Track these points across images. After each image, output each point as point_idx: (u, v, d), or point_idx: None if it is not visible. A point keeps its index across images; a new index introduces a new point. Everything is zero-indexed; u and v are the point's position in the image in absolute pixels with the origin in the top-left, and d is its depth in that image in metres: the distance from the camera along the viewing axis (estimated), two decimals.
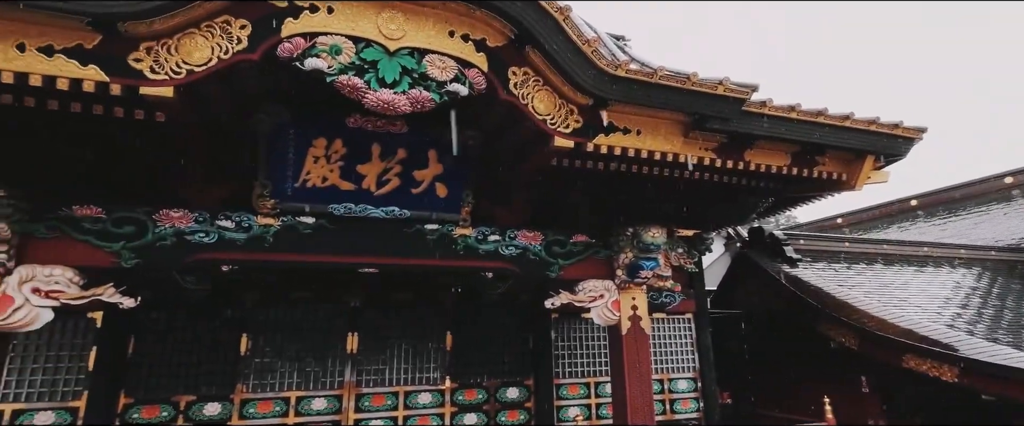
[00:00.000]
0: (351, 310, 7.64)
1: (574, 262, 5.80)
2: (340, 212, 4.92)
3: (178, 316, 6.97)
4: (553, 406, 8.08)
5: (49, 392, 6.33)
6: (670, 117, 4.48)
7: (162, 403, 6.68)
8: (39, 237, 4.22)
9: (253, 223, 4.74)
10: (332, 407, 7.26)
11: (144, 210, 4.47)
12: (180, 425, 6.68)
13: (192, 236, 4.58)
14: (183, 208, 4.59)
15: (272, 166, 4.73)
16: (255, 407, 6.97)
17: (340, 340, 7.51)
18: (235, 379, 6.97)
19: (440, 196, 5.28)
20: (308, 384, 7.26)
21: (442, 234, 5.30)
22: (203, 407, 6.80)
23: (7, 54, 3.04)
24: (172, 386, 6.76)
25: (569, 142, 4.28)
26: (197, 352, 6.95)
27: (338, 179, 4.91)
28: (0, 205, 3.92)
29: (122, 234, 4.41)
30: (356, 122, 4.73)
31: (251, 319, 7.23)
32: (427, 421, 7.62)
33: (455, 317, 8.12)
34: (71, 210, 4.30)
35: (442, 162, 5.18)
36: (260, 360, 7.15)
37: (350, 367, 7.45)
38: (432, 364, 7.87)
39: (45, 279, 4.17)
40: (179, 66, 3.35)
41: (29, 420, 6.16)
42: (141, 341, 6.77)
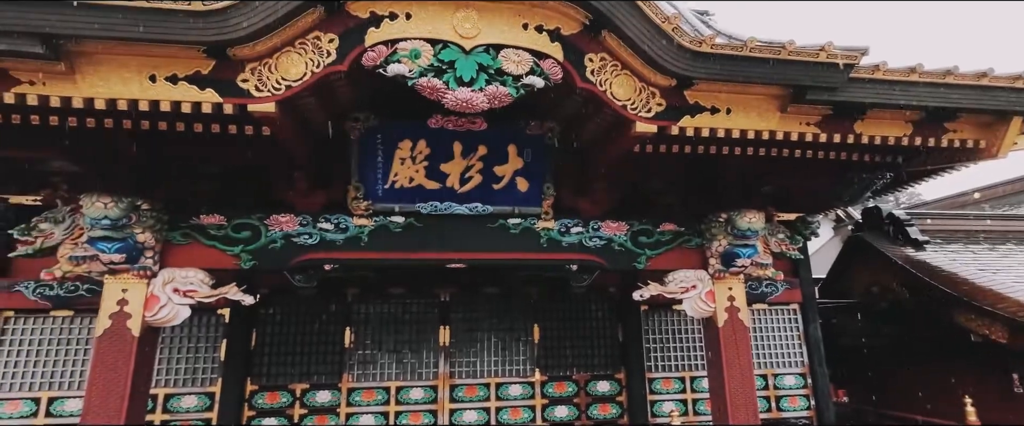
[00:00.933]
0: (442, 304, 7.94)
1: (662, 252, 5.57)
2: (427, 210, 5.11)
3: (291, 312, 7.65)
4: (646, 401, 7.84)
5: (191, 379, 7.25)
6: (764, 92, 4.13)
7: (281, 390, 7.39)
8: (175, 243, 4.83)
9: (350, 224, 5.07)
10: (428, 397, 7.60)
11: (257, 216, 4.94)
12: (297, 411, 7.34)
13: (298, 238, 5.00)
14: (289, 213, 5.02)
15: (363, 170, 5.03)
16: (360, 395, 7.49)
17: (433, 333, 7.84)
18: (342, 369, 7.53)
19: (521, 190, 5.30)
20: (406, 375, 7.66)
21: (525, 228, 5.33)
22: (315, 394, 7.42)
23: (142, 85, 3.49)
24: (289, 375, 7.45)
25: (652, 127, 4.10)
26: (308, 344, 7.58)
27: (424, 179, 5.10)
28: (145, 217, 4.53)
29: (240, 239, 4.92)
30: (437, 122, 4.88)
31: (353, 314, 7.76)
32: (518, 413, 7.73)
33: (542, 310, 8.15)
34: (199, 219, 4.87)
35: (522, 156, 5.20)
36: (363, 352, 7.66)
37: (443, 359, 7.75)
38: (521, 356, 7.96)
39: (182, 280, 4.76)
40: (279, 83, 3.64)
41: (178, 402, 7.10)
42: (261, 334, 7.51)
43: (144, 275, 4.64)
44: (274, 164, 5.00)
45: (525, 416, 7.72)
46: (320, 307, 7.70)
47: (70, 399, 6.98)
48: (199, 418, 7.08)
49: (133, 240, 4.50)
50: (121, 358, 4.50)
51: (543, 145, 5.18)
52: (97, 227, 4.32)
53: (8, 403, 6.86)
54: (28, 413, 6.86)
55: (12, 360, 6.98)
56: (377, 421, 7.42)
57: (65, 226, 4.60)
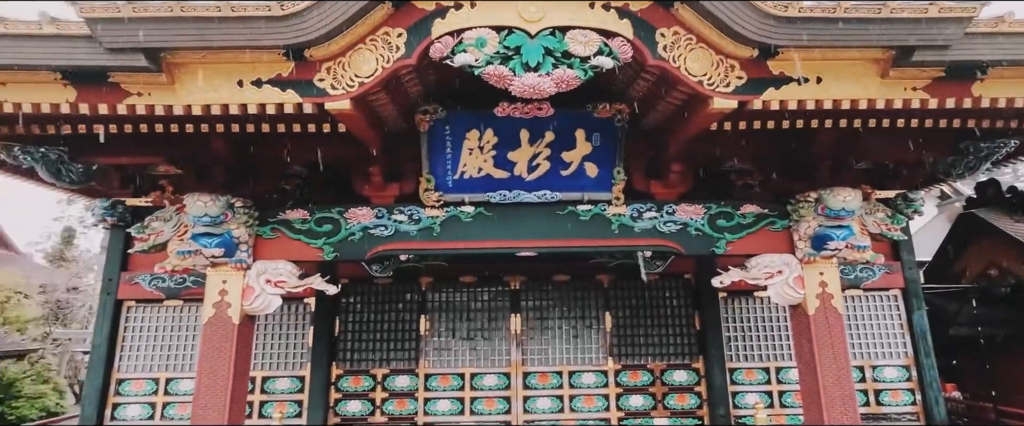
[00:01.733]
0: (513, 292, 8.00)
1: (744, 236, 5.25)
2: (496, 199, 5.13)
3: (370, 300, 8.03)
4: (727, 391, 7.50)
5: (283, 363, 7.81)
6: (861, 56, 3.74)
7: (364, 375, 7.79)
8: (266, 237, 5.18)
9: (422, 215, 5.20)
10: (502, 384, 7.71)
11: (337, 210, 5.19)
12: (379, 394, 7.71)
13: (374, 230, 5.19)
14: (366, 206, 5.22)
15: (434, 162, 5.12)
16: (437, 381, 7.74)
17: (505, 321, 7.92)
18: (418, 355, 7.81)
19: (590, 176, 5.19)
20: (479, 361, 7.81)
21: (595, 214, 5.21)
22: (395, 379, 7.76)
23: (231, 90, 3.73)
24: (370, 360, 7.83)
25: (731, 102, 3.85)
26: (387, 331, 7.93)
27: (492, 168, 5.12)
28: (239, 213, 4.88)
29: (323, 232, 5.19)
30: (504, 111, 4.86)
31: (428, 302, 8.01)
32: (592, 401, 7.67)
33: (614, 297, 8.00)
34: (286, 214, 5.18)
35: (590, 141, 5.07)
36: (438, 339, 7.90)
37: (515, 346, 7.82)
38: (593, 344, 7.87)
39: (273, 271, 5.11)
40: (352, 80, 3.77)
41: (273, 384, 7.69)
42: (344, 322, 7.95)
43: (240, 267, 5.02)
44: (351, 160, 5.21)
45: (599, 404, 7.64)
46: (397, 296, 8.02)
47: (184, 380, 7.75)
48: (292, 399, 7.63)
49: (230, 235, 4.87)
50: (224, 342, 4.91)
51: (612, 128, 5.02)
52: (199, 224, 4.72)
53: (133, 382, 7.74)
54: (150, 392, 7.71)
55: (134, 344, 7.86)
56: (453, 406, 7.64)
57: (172, 224, 5.07)
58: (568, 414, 7.58)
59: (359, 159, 5.23)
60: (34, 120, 4.35)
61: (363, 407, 7.65)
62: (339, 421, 7.59)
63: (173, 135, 4.43)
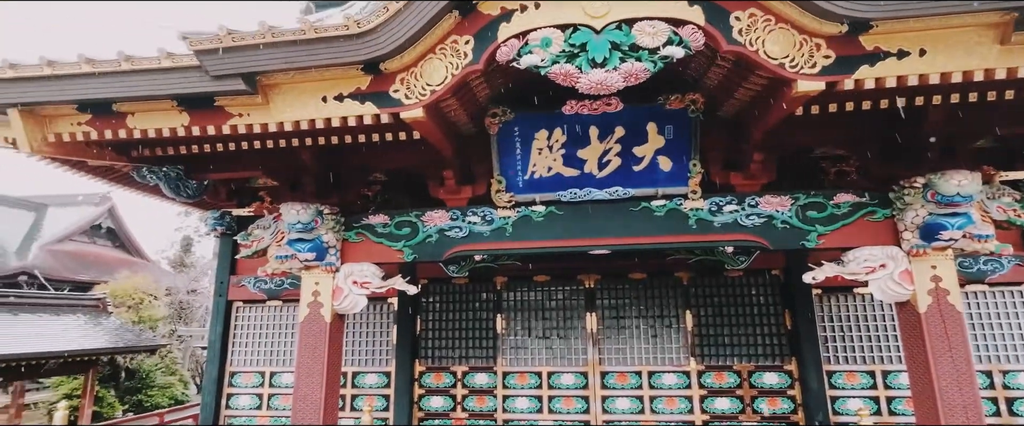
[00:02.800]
0: (587, 291, 7.93)
1: (838, 227, 4.83)
2: (567, 198, 5.11)
3: (448, 300, 8.31)
4: (825, 396, 6.94)
5: (370, 359, 8.29)
6: (974, 22, 3.32)
7: (444, 372, 8.07)
8: (351, 241, 5.53)
9: (494, 216, 5.30)
10: (579, 382, 7.67)
11: (415, 214, 5.42)
12: (459, 391, 7.96)
13: (450, 232, 5.37)
14: (441, 209, 5.41)
15: (504, 163, 5.20)
16: (514, 379, 7.85)
17: (580, 320, 7.88)
18: (496, 354, 7.96)
19: (664, 170, 5.02)
20: (556, 360, 7.82)
21: (670, 209, 5.04)
22: (474, 377, 7.97)
23: (317, 106, 4.03)
24: (450, 358, 8.11)
25: (817, 84, 3.57)
26: (465, 330, 8.17)
27: (562, 167, 5.11)
28: (327, 220, 5.26)
29: (402, 235, 5.45)
30: (572, 108, 4.84)
31: (503, 301, 8.15)
32: (674, 402, 7.41)
33: (694, 295, 7.68)
34: (368, 219, 5.50)
35: (662, 134, 4.92)
36: (514, 337, 8.01)
37: (591, 345, 7.75)
38: (673, 344, 7.61)
39: (359, 273, 5.44)
40: (424, 89, 3.93)
41: (362, 379, 8.19)
42: (425, 321, 8.29)
43: (330, 270, 5.40)
44: (426, 165, 5.43)
45: (681, 406, 7.38)
46: (473, 295, 8.24)
47: (285, 373, 8.46)
48: (380, 393, 8.08)
49: (320, 240, 5.26)
50: (319, 339, 5.31)
51: (686, 119, 4.83)
52: (293, 230, 5.14)
53: (243, 375, 8.57)
54: (257, 384, 8.48)
55: (243, 340, 8.69)
56: (531, 404, 7.71)
57: (271, 231, 5.56)
58: (649, 415, 7.39)
59: (433, 164, 5.44)
60: (156, 143, 4.97)
61: (445, 403, 7.93)
62: (423, 416, 7.93)
63: (269, 150, 4.87)
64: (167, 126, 4.21)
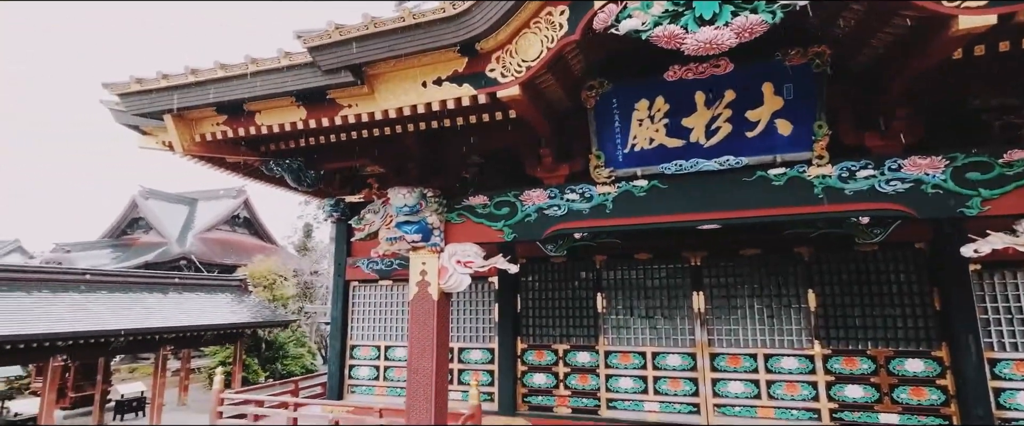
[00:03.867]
0: (693, 269, 7.53)
1: (1010, 190, 4.06)
2: (671, 171, 4.82)
3: (547, 279, 8.33)
4: (987, 387, 6.00)
5: (474, 336, 8.60)
6: None
7: (546, 349, 8.15)
8: (454, 223, 5.69)
9: (594, 193, 5.15)
10: (686, 364, 7.35)
11: (513, 193, 5.44)
12: (561, 369, 8.00)
13: (548, 210, 5.32)
14: (539, 188, 5.38)
15: (602, 137, 5.02)
16: (617, 358, 7.72)
17: (686, 299, 7.51)
18: (597, 333, 7.87)
19: (783, 134, 4.54)
20: (660, 340, 7.56)
21: (791, 178, 4.56)
22: (576, 355, 7.96)
23: (418, 92, 4.14)
24: (551, 336, 8.16)
25: (986, 18, 2.97)
26: (565, 308, 8.16)
27: (665, 138, 4.82)
28: (431, 202, 5.46)
29: (501, 215, 5.50)
30: (675, 74, 4.52)
31: (603, 280, 8.01)
32: (795, 388, 6.84)
33: (818, 272, 6.98)
34: (469, 200, 5.62)
35: (781, 94, 4.43)
36: (616, 316, 7.86)
37: (699, 325, 7.37)
38: (794, 326, 7.00)
39: (462, 253, 5.60)
40: (520, 65, 3.87)
41: (467, 355, 8.53)
42: (524, 299, 8.40)
43: (435, 250, 5.62)
44: (523, 144, 5.41)
45: (804, 392, 6.79)
46: (572, 274, 8.18)
47: (398, 347, 9.07)
48: (484, 368, 8.38)
49: (425, 222, 5.48)
50: (427, 316, 5.58)
51: (809, 75, 4.30)
52: (400, 213, 5.41)
53: (362, 348, 9.32)
54: (374, 357, 9.19)
55: (360, 317, 9.44)
56: (635, 384, 7.55)
57: (381, 215, 5.90)
58: (766, 400, 6.90)
59: (530, 142, 5.40)
60: (280, 138, 5.45)
61: (547, 380, 8.03)
62: (527, 392, 8.10)
63: (375, 139, 5.13)
64: (288, 121, 4.58)
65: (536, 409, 8.00)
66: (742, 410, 6.99)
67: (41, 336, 11.39)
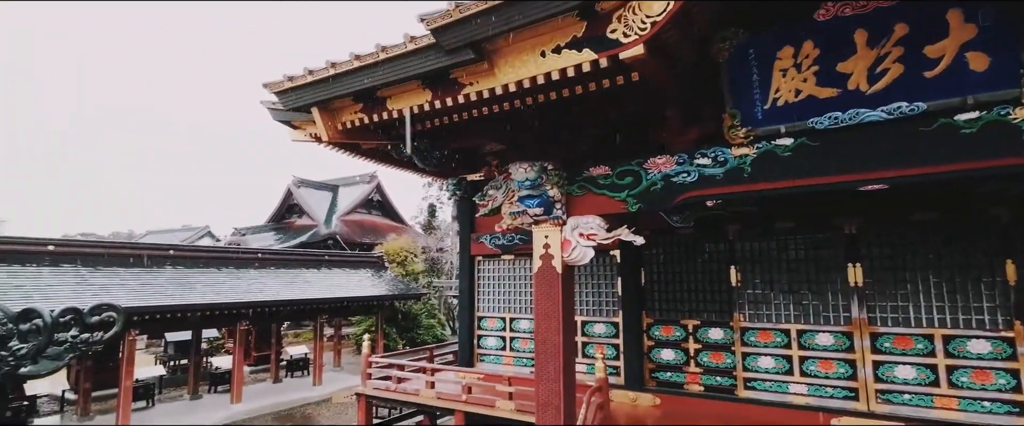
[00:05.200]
0: (847, 237, 6.63)
1: None
2: (824, 125, 4.22)
3: (674, 251, 7.93)
4: None
5: (597, 310, 8.53)
6: None
7: (674, 324, 7.81)
8: (575, 195, 5.61)
9: (728, 156, 4.72)
10: (841, 344, 6.55)
11: (636, 161, 5.20)
12: (691, 345, 7.62)
13: (676, 178, 5.00)
14: (665, 154, 5.07)
15: (737, 94, 4.55)
16: (755, 336, 7.14)
17: (838, 272, 6.66)
18: (731, 308, 7.34)
19: (975, 70, 3.72)
20: (807, 318, 6.82)
21: (989, 122, 3.74)
22: (707, 331, 7.51)
23: (537, 62, 4.08)
24: (679, 310, 7.79)
25: None
26: (694, 282, 7.72)
27: (815, 87, 4.22)
28: (552, 175, 5.43)
29: (624, 185, 5.30)
30: (827, 13, 3.93)
31: (737, 252, 7.41)
32: (987, 376, 5.76)
33: (1020, 238, 5.73)
34: (590, 171, 5.49)
35: (974, 21, 3.62)
36: (753, 291, 7.24)
37: (856, 302, 6.50)
38: (984, 303, 5.86)
39: (585, 225, 5.51)
40: (643, 23, 3.61)
41: (590, 328, 8.50)
42: (649, 273, 8.10)
43: (557, 223, 5.60)
44: (646, 110, 5.12)
45: (1000, 381, 5.71)
46: (702, 246, 7.69)
47: (522, 319, 9.34)
48: (609, 343, 8.29)
49: (546, 195, 5.48)
50: (552, 289, 5.62)
51: None
52: (521, 188, 5.46)
53: (488, 320, 9.75)
54: (500, 328, 9.56)
55: (486, 290, 9.85)
56: (778, 363, 6.93)
57: (503, 191, 6.03)
58: (946, 388, 5.92)
59: (654, 106, 5.10)
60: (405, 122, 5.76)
61: (676, 356, 7.71)
62: (654, 367, 7.87)
63: (495, 116, 5.19)
64: (415, 103, 4.81)
65: (665, 385, 7.74)
66: (914, 398, 6.07)
67: (232, 304, 13.63)
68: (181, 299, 12.41)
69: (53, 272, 11.51)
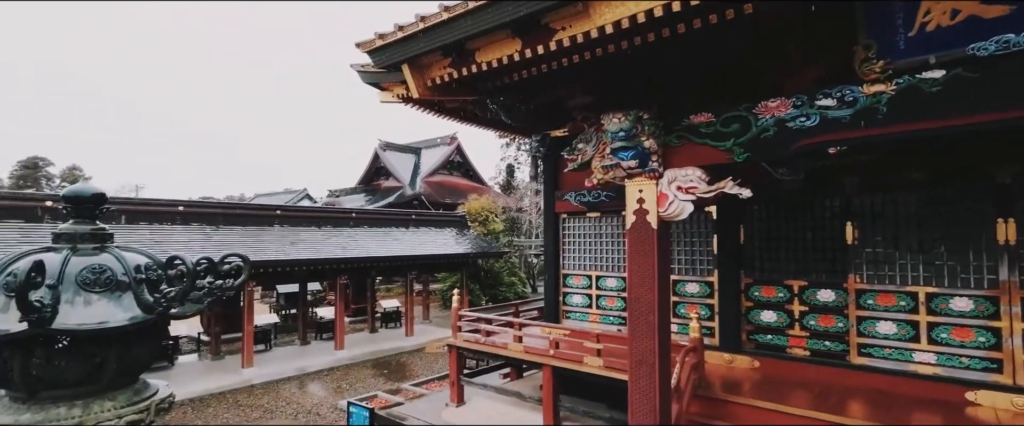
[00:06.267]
0: (998, 188, 5.70)
1: None
2: (989, 50, 3.54)
3: (778, 206, 7.31)
4: None
5: (690, 268, 8.15)
6: None
7: (776, 285, 7.28)
8: (672, 146, 5.26)
9: (858, 95, 4.13)
10: (983, 310, 5.76)
11: (745, 106, 4.73)
12: (796, 307, 7.09)
13: (792, 122, 4.49)
14: (779, 97, 4.55)
15: (873, 21, 3.93)
16: (874, 299, 6.47)
17: (983, 228, 5.79)
18: (846, 268, 6.68)
19: None
20: (940, 280, 6.04)
21: None
22: (816, 292, 6.92)
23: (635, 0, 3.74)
24: (783, 270, 7.23)
25: None
26: (801, 240, 7.09)
27: (978, 6, 3.52)
28: (648, 125, 5.10)
29: (730, 133, 4.86)
30: None
31: (854, 206, 6.67)
32: None
33: None
34: (689, 120, 5.09)
35: None
36: (872, 250, 6.52)
37: (1005, 263, 5.64)
38: None
39: (683, 178, 5.17)
40: None
41: (683, 287, 8.17)
42: (749, 230, 7.55)
43: (653, 176, 5.30)
44: (758, 48, 4.59)
45: None
46: (811, 200, 7.02)
47: (608, 277, 9.19)
48: (703, 302, 7.94)
49: (641, 147, 5.17)
50: (647, 246, 5.38)
51: None
52: (615, 140, 5.19)
53: (574, 277, 9.70)
54: (586, 286, 9.49)
55: (571, 248, 9.76)
56: (901, 329, 6.27)
57: (593, 144, 5.78)
58: None
59: (768, 43, 4.56)
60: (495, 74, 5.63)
61: (779, 318, 7.22)
62: (752, 328, 7.45)
63: (587, 63, 4.90)
64: (504, 54, 4.66)
65: (764, 348, 7.32)
66: None
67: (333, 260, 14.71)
68: (289, 254, 13.58)
69: (184, 229, 13.01)
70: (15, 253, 1.99)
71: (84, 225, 2.13)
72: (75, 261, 1.98)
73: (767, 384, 6.58)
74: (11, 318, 1.76)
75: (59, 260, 1.95)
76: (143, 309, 2.02)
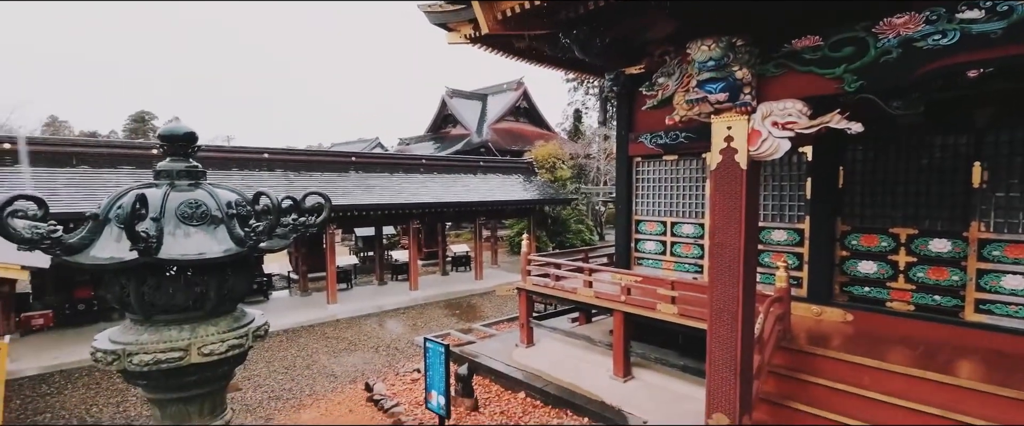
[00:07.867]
0: None
1: None
2: None
3: (888, 146, 6.49)
4: None
5: (777, 214, 7.55)
6: None
7: (879, 233, 6.59)
8: (769, 76, 4.70)
9: (1016, 4, 3.40)
10: None
11: (862, 26, 4.07)
12: (902, 258, 6.41)
13: (922, 42, 3.82)
14: (907, 12, 3.86)
15: None
16: (1000, 250, 5.69)
17: None
18: (968, 215, 5.88)
19: None
20: None
21: None
22: (928, 242, 6.20)
23: None
24: (888, 217, 6.51)
25: None
26: (913, 184, 6.30)
27: None
28: (740, 53, 4.57)
29: (841, 58, 4.24)
30: None
31: (987, 144, 5.77)
32: None
33: None
34: (791, 45, 4.49)
35: None
36: (1003, 195, 5.67)
37: None
38: None
39: (780, 113, 4.63)
40: None
41: (769, 235, 7.62)
42: (850, 173, 6.81)
43: (744, 111, 4.80)
44: None
45: None
46: (929, 137, 6.16)
47: (684, 224, 8.77)
48: (791, 251, 7.39)
49: (733, 78, 4.66)
50: (734, 188, 4.97)
51: None
52: (704, 70, 4.71)
53: (647, 223, 9.36)
54: (659, 232, 9.13)
55: (644, 193, 9.37)
56: None
57: (676, 77, 5.30)
58: None
59: None
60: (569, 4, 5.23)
61: (879, 269, 6.59)
62: (847, 280, 6.87)
63: None
64: None
65: (859, 300, 6.75)
66: None
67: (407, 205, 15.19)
68: (365, 199, 14.16)
69: (269, 175, 13.86)
70: (122, 189, 2.09)
71: (179, 162, 2.19)
72: (174, 196, 2.05)
73: (861, 339, 6.09)
74: (123, 248, 1.86)
75: (160, 195, 2.02)
76: (235, 242, 2.07)
